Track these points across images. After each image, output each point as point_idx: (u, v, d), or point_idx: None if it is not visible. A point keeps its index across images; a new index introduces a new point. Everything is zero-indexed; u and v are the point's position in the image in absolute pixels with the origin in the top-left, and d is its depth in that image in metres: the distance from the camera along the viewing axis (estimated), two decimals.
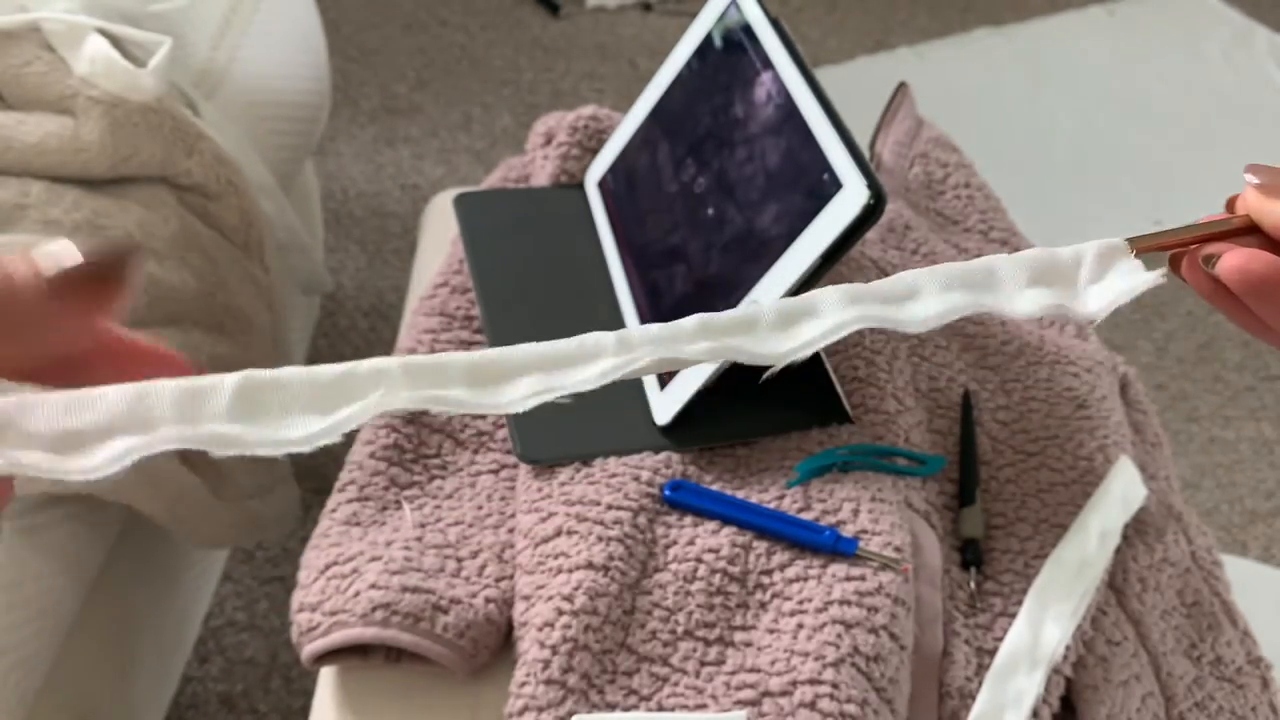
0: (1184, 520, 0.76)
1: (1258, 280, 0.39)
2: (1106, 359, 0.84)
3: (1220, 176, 1.98)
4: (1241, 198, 0.42)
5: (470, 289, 0.84)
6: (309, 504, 1.10)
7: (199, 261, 0.90)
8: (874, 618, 0.62)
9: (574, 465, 0.70)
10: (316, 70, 1.17)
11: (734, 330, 0.35)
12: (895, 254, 0.87)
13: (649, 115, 0.85)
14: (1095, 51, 2.29)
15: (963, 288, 0.37)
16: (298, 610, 0.65)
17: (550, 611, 0.62)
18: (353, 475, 0.72)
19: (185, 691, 1.19)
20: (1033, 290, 0.38)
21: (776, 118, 0.72)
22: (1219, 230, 0.42)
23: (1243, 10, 2.38)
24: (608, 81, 2.12)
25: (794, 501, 0.69)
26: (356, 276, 1.68)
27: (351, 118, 1.97)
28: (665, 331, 0.34)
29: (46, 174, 0.85)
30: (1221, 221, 0.42)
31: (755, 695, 0.60)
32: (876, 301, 0.36)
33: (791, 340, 0.35)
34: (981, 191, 0.95)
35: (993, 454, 0.77)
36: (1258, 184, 0.41)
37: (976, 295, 0.37)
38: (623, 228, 0.85)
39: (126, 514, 0.84)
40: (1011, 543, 0.71)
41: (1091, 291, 0.38)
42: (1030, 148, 2.02)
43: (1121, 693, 0.65)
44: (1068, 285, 0.38)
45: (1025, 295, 0.38)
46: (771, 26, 0.74)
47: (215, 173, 0.91)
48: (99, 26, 0.88)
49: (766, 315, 0.35)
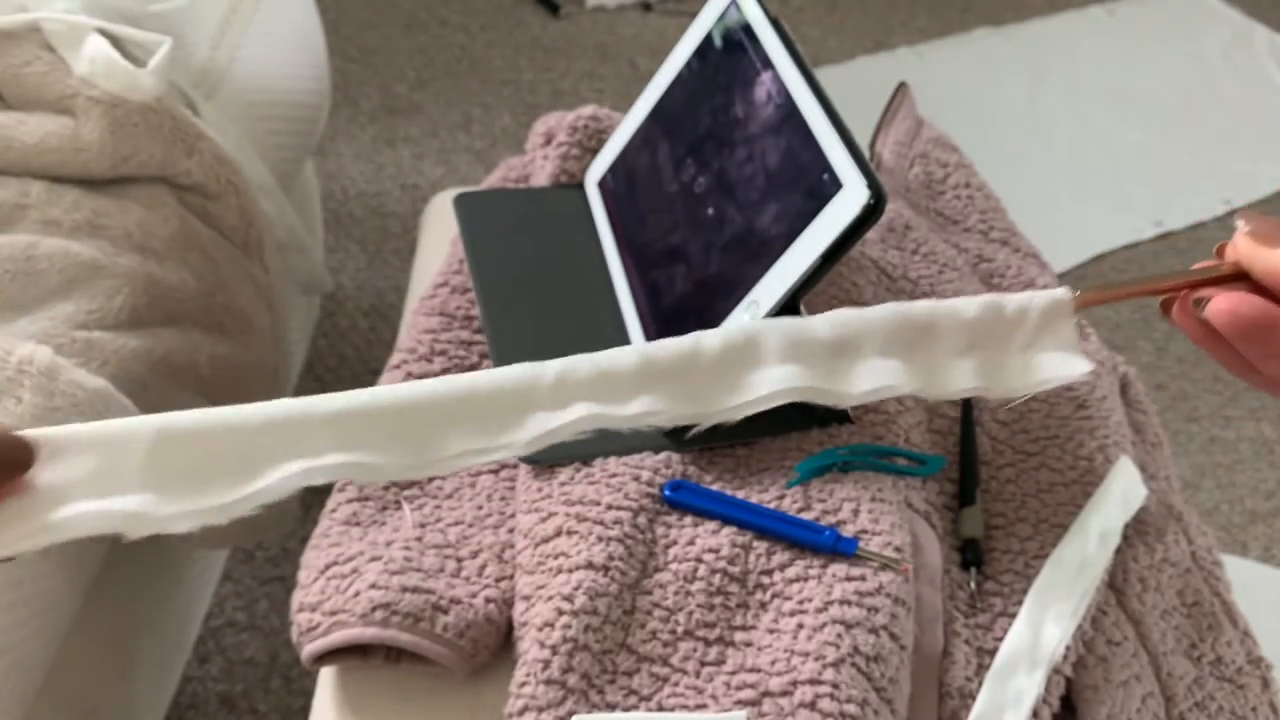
0: (1184, 520, 0.76)
1: (1247, 323, 0.40)
2: (1106, 359, 0.84)
3: (1220, 177, 1.98)
4: (1232, 244, 0.42)
5: (470, 289, 0.84)
6: (309, 504, 1.10)
7: (199, 261, 0.90)
8: (874, 618, 0.62)
9: (574, 465, 0.70)
10: (316, 70, 1.17)
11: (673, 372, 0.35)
12: (895, 254, 0.87)
13: (649, 115, 0.85)
14: (1095, 51, 2.29)
15: (900, 352, 0.37)
16: (298, 610, 0.65)
17: (550, 611, 0.62)
18: None
19: (185, 691, 1.19)
20: (964, 363, 0.38)
21: (776, 118, 0.72)
22: (1206, 278, 0.42)
23: (1243, 10, 2.38)
24: (608, 81, 2.12)
25: (794, 501, 0.69)
26: (356, 276, 1.68)
27: (351, 118, 1.97)
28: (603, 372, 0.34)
29: (46, 174, 0.85)
30: (1211, 268, 0.43)
31: (755, 695, 0.60)
32: (817, 361, 0.36)
33: (720, 402, 0.35)
34: (981, 191, 0.95)
35: (993, 454, 0.77)
36: (1248, 230, 0.42)
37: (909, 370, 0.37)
38: (623, 228, 0.85)
39: None
40: (1011, 543, 0.71)
41: (1021, 366, 0.39)
42: (1030, 148, 2.02)
43: (1121, 693, 0.65)
44: (1001, 350, 0.39)
45: (957, 369, 0.38)
46: (771, 26, 0.74)
47: (215, 173, 0.91)
48: (99, 26, 0.88)
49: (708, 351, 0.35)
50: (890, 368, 0.37)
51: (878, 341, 0.37)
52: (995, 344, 0.38)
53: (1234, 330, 0.40)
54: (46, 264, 0.79)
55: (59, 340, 0.76)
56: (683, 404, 0.35)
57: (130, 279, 0.82)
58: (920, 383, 0.37)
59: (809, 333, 0.37)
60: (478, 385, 0.34)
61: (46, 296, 0.79)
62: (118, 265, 0.82)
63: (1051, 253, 0.90)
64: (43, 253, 0.80)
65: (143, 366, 0.81)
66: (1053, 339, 0.39)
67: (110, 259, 0.82)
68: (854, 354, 0.37)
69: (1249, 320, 0.40)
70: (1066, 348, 0.39)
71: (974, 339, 0.38)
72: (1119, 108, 2.13)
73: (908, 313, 0.38)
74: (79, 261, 0.80)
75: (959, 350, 0.38)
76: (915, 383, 0.37)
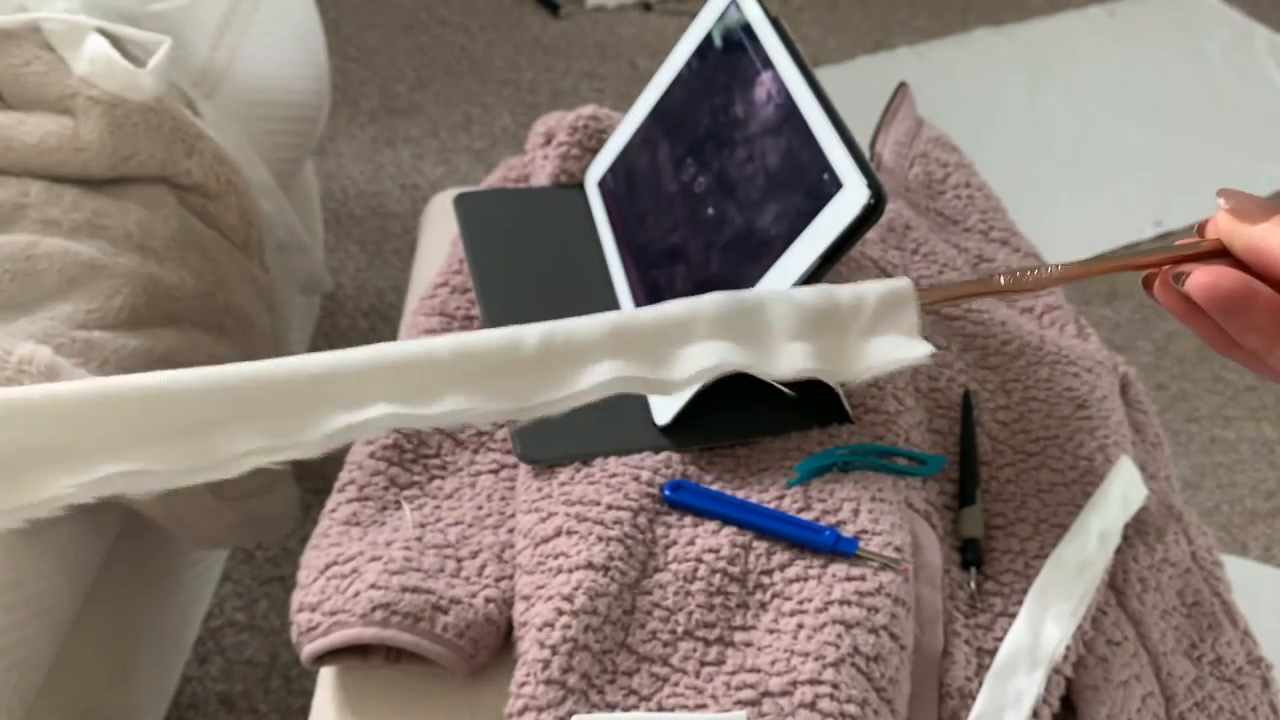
0: (1184, 520, 0.76)
1: (1226, 296, 0.40)
2: (1106, 359, 0.84)
3: (1220, 176, 1.98)
4: (1213, 221, 0.43)
5: (470, 289, 0.84)
6: (309, 504, 1.10)
7: (199, 261, 0.90)
8: (874, 618, 0.62)
9: (574, 465, 0.70)
10: (316, 70, 1.17)
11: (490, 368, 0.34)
12: (895, 254, 0.87)
13: (649, 115, 0.85)
14: (1095, 51, 2.29)
15: (729, 336, 0.36)
16: (297, 610, 0.65)
17: (550, 611, 0.62)
18: (352, 475, 0.72)
19: (185, 691, 1.19)
20: (797, 345, 0.38)
21: (776, 117, 0.71)
22: (1186, 253, 0.43)
23: (1243, 10, 2.38)
24: (608, 81, 2.12)
25: (794, 501, 0.69)
26: (356, 276, 1.68)
27: (351, 118, 1.97)
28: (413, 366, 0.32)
29: (46, 174, 0.85)
30: (1192, 244, 0.43)
31: (755, 695, 0.60)
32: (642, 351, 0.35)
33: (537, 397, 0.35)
34: (981, 191, 0.95)
35: (993, 454, 0.77)
36: (1229, 207, 0.42)
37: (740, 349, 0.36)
38: (623, 227, 0.85)
39: (126, 514, 0.84)
40: (1012, 543, 0.71)
41: (860, 350, 0.38)
42: (1030, 148, 2.02)
43: (1122, 693, 0.65)
44: (839, 336, 0.38)
45: (788, 351, 0.37)
46: (771, 26, 0.74)
47: (215, 172, 0.91)
48: (99, 26, 0.88)
49: (527, 346, 0.34)
50: (717, 348, 0.37)
51: (706, 326, 0.37)
52: (831, 330, 0.38)
53: (1213, 303, 0.40)
54: (46, 264, 0.79)
55: (59, 340, 0.76)
56: (497, 400, 0.34)
57: (130, 279, 0.82)
58: (749, 360, 0.37)
59: (634, 322, 0.36)
60: (266, 375, 0.31)
61: (46, 296, 0.79)
62: (118, 265, 0.82)
63: (1051, 253, 0.90)
64: (42, 252, 0.80)
65: (142, 366, 0.81)
66: (892, 325, 0.39)
67: (110, 259, 0.82)
68: (681, 341, 0.36)
69: (1228, 293, 0.40)
70: (907, 333, 0.39)
71: (808, 324, 0.38)
72: (1119, 108, 2.13)
73: (739, 297, 0.37)
74: (79, 261, 0.80)
75: (791, 334, 0.38)
76: (743, 359, 0.37)
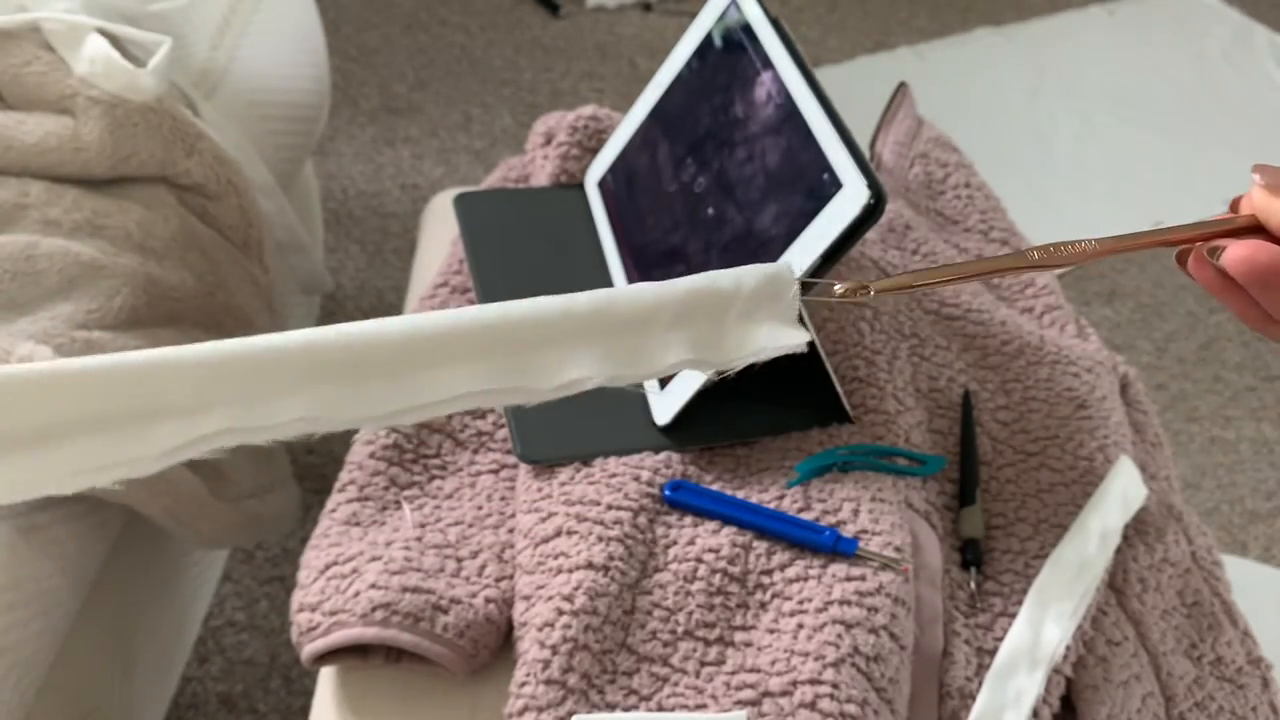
0: (1184, 520, 0.76)
1: (1262, 269, 0.39)
2: (1106, 359, 0.84)
3: (1220, 176, 1.98)
4: (1247, 196, 0.42)
5: (470, 289, 0.84)
6: (309, 504, 1.10)
7: (198, 261, 0.90)
8: (874, 618, 0.62)
9: (574, 465, 0.70)
10: (316, 70, 1.16)
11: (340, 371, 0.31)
12: (895, 254, 0.87)
13: (649, 115, 0.85)
14: (1095, 51, 2.28)
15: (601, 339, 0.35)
16: (298, 610, 0.65)
17: (550, 611, 0.62)
18: (352, 475, 0.72)
19: (185, 691, 1.19)
20: (675, 335, 0.36)
21: (776, 117, 0.71)
22: (1221, 229, 0.42)
23: (1243, 10, 2.38)
24: (608, 81, 2.12)
25: (794, 501, 0.69)
26: (356, 276, 1.68)
27: (351, 118, 1.97)
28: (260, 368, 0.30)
29: (46, 174, 0.85)
30: (1225, 220, 0.43)
31: (755, 695, 0.60)
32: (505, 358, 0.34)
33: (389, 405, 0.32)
34: (981, 191, 0.95)
35: (993, 454, 0.76)
36: (1264, 183, 0.41)
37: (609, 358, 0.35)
38: (623, 228, 0.85)
39: (126, 514, 0.84)
40: (1011, 543, 0.71)
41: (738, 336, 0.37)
42: (1030, 148, 2.02)
43: (1122, 693, 0.65)
44: (717, 320, 0.37)
45: (666, 344, 0.36)
46: (771, 26, 0.74)
47: (215, 172, 0.91)
48: (99, 26, 0.88)
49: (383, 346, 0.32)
50: (588, 357, 0.35)
51: (576, 328, 0.35)
52: (710, 316, 0.37)
53: (1250, 277, 0.40)
54: (46, 264, 0.79)
55: (59, 340, 0.76)
56: (347, 408, 0.32)
57: (130, 279, 0.82)
58: (622, 369, 0.36)
59: (503, 322, 0.34)
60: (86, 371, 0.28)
61: (46, 296, 0.79)
62: (118, 265, 0.82)
63: None
64: (43, 252, 0.80)
65: None
66: (771, 311, 0.38)
67: (110, 259, 0.82)
68: (550, 345, 0.35)
69: (1265, 266, 0.39)
70: (786, 320, 0.38)
71: (686, 313, 0.37)
72: (1119, 108, 2.13)
73: (611, 297, 0.36)
74: (79, 261, 0.80)
75: (669, 325, 0.37)
76: (615, 369, 0.36)
